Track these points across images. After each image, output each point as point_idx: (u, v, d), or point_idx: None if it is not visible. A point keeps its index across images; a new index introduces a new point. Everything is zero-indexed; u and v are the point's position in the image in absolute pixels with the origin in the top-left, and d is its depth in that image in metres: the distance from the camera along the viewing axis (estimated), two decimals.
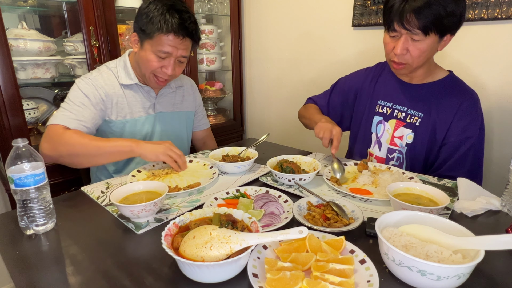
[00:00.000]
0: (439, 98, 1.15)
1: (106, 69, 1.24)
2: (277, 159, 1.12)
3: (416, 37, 1.01)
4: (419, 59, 1.06)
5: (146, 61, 1.16)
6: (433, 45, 1.04)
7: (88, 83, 1.17)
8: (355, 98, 1.37)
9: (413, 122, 1.18)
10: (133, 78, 1.24)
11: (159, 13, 1.09)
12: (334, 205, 0.83)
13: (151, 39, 1.12)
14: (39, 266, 0.66)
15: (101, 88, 1.19)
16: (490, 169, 1.45)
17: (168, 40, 1.11)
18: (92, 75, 1.21)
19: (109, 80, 1.22)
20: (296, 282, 0.56)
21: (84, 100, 1.15)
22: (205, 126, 1.60)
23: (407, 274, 0.58)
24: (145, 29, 1.12)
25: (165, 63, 1.16)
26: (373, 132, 1.29)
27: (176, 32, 1.10)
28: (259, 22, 2.33)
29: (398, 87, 1.23)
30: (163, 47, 1.12)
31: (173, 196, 0.95)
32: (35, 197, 0.75)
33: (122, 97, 1.24)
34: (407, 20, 0.99)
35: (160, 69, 1.17)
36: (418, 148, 1.18)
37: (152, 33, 1.11)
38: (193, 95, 1.50)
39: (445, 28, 1.00)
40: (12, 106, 1.47)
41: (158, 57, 1.14)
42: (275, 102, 2.40)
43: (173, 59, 1.16)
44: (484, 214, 0.86)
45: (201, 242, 0.60)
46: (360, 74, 1.38)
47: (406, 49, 1.05)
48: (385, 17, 1.06)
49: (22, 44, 1.52)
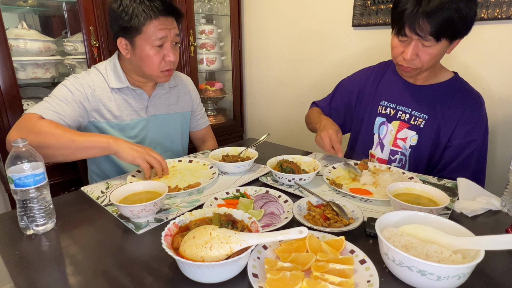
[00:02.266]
0: (444, 100, 1.14)
1: (95, 71, 1.20)
2: (277, 159, 1.12)
3: (427, 43, 0.98)
4: (429, 64, 1.05)
5: (147, 58, 1.12)
6: (443, 49, 1.02)
7: (75, 81, 1.14)
8: (357, 99, 1.35)
9: (417, 124, 1.17)
10: (123, 81, 1.20)
11: (137, 3, 1.06)
12: (334, 205, 0.83)
13: (142, 33, 1.08)
14: (39, 266, 0.66)
15: (88, 87, 1.15)
16: (492, 169, 1.45)
17: (159, 25, 1.08)
18: (81, 75, 1.17)
19: (98, 81, 1.18)
20: (296, 282, 0.56)
21: (67, 96, 1.10)
22: (204, 125, 1.57)
23: (407, 274, 0.58)
24: (131, 26, 1.07)
25: (165, 52, 1.13)
26: (375, 133, 1.28)
27: (163, 13, 1.08)
28: (259, 22, 2.33)
29: (402, 88, 1.22)
30: (157, 33, 1.09)
31: (173, 196, 0.95)
32: (35, 197, 0.75)
33: (111, 100, 1.19)
34: (419, 26, 0.95)
35: (163, 61, 1.14)
36: (422, 150, 1.17)
37: (140, 26, 1.07)
38: (190, 94, 1.46)
39: (457, 33, 0.99)
40: (12, 106, 1.47)
41: (155, 48, 1.11)
42: (275, 102, 2.40)
43: (169, 43, 1.13)
44: (484, 214, 0.86)
45: (201, 242, 0.60)
46: (362, 74, 1.37)
47: (416, 54, 1.02)
48: (395, 20, 1.03)
49: (22, 44, 1.52)
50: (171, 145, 1.39)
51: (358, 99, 1.35)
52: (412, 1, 0.95)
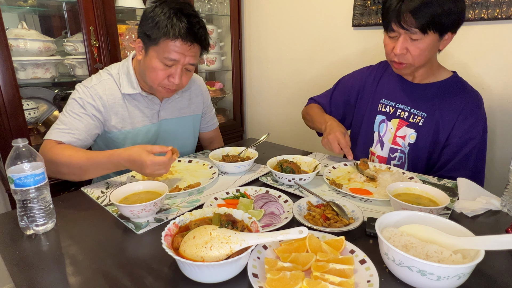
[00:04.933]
0: (442, 99, 1.14)
1: (107, 75, 1.17)
2: (277, 159, 1.12)
3: (414, 36, 1.01)
4: (420, 58, 1.06)
5: (152, 70, 1.09)
6: (433, 43, 1.03)
7: (85, 92, 1.12)
8: (357, 97, 1.36)
9: (416, 122, 1.18)
10: (136, 87, 1.17)
11: (165, 17, 1.01)
12: (334, 205, 0.83)
13: (157, 45, 1.05)
14: (39, 266, 0.66)
15: (100, 98, 1.13)
16: (492, 169, 1.45)
17: (175, 46, 1.04)
18: (92, 82, 1.14)
19: (110, 89, 1.15)
20: (296, 282, 0.56)
21: (79, 111, 1.10)
22: (213, 127, 1.55)
23: (407, 274, 0.58)
24: (150, 34, 1.05)
25: (172, 71, 1.09)
26: (375, 131, 1.29)
27: (184, 38, 1.03)
28: (259, 22, 2.33)
29: (401, 87, 1.23)
30: (169, 54, 1.05)
31: (173, 196, 0.95)
32: (35, 197, 0.75)
33: (123, 107, 1.18)
34: (404, 19, 0.99)
35: (167, 79, 1.10)
36: (420, 148, 1.18)
37: (158, 39, 1.04)
38: (202, 95, 1.42)
39: (444, 27, 1.00)
40: (12, 106, 1.47)
41: (164, 65, 1.07)
42: (275, 102, 2.40)
43: (180, 67, 1.09)
44: (484, 214, 0.86)
45: (201, 242, 0.60)
46: (362, 73, 1.37)
47: (405, 48, 1.05)
48: (383, 18, 1.07)
49: (22, 44, 1.52)
50: (182, 148, 1.36)
51: (358, 97, 1.36)
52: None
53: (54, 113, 1.82)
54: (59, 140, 1.06)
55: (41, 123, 1.79)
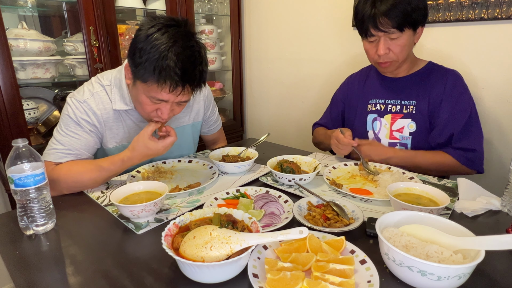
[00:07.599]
0: (425, 83, 1.22)
1: (99, 86, 1.08)
2: (277, 159, 1.12)
3: (393, 35, 1.10)
4: (402, 54, 1.15)
5: (138, 103, 1.01)
6: (410, 38, 1.13)
7: (79, 108, 1.04)
8: (344, 105, 1.45)
9: (409, 111, 1.23)
10: (128, 103, 1.08)
11: (155, 58, 0.88)
12: (334, 205, 0.83)
13: (145, 83, 0.92)
14: (39, 266, 0.66)
15: (94, 114, 1.05)
16: (492, 169, 1.45)
17: (164, 92, 0.92)
18: (85, 96, 1.05)
19: (103, 103, 1.07)
20: (296, 282, 0.56)
21: (75, 129, 1.03)
22: (216, 129, 1.52)
23: (407, 274, 0.58)
24: (138, 70, 0.92)
25: (161, 107, 0.99)
26: (369, 130, 1.33)
27: (175, 85, 0.91)
28: (259, 22, 2.33)
29: (387, 84, 1.30)
30: (157, 95, 0.94)
31: (173, 196, 0.95)
32: (35, 197, 0.75)
33: (118, 122, 1.11)
34: (380, 23, 1.08)
35: (155, 112, 1.01)
36: (422, 134, 1.22)
37: (146, 78, 0.91)
38: (203, 101, 1.35)
39: (415, 22, 1.10)
40: (12, 106, 1.47)
41: (151, 102, 0.97)
42: (275, 102, 2.40)
43: (169, 105, 0.99)
44: (484, 214, 0.86)
45: (201, 242, 0.60)
46: (344, 84, 1.47)
47: (387, 48, 1.13)
48: (359, 27, 1.16)
49: (22, 44, 1.52)
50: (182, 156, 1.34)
51: (345, 105, 1.44)
52: (368, 5, 1.09)
53: (54, 113, 1.82)
54: (59, 162, 1.01)
55: (41, 123, 1.79)
